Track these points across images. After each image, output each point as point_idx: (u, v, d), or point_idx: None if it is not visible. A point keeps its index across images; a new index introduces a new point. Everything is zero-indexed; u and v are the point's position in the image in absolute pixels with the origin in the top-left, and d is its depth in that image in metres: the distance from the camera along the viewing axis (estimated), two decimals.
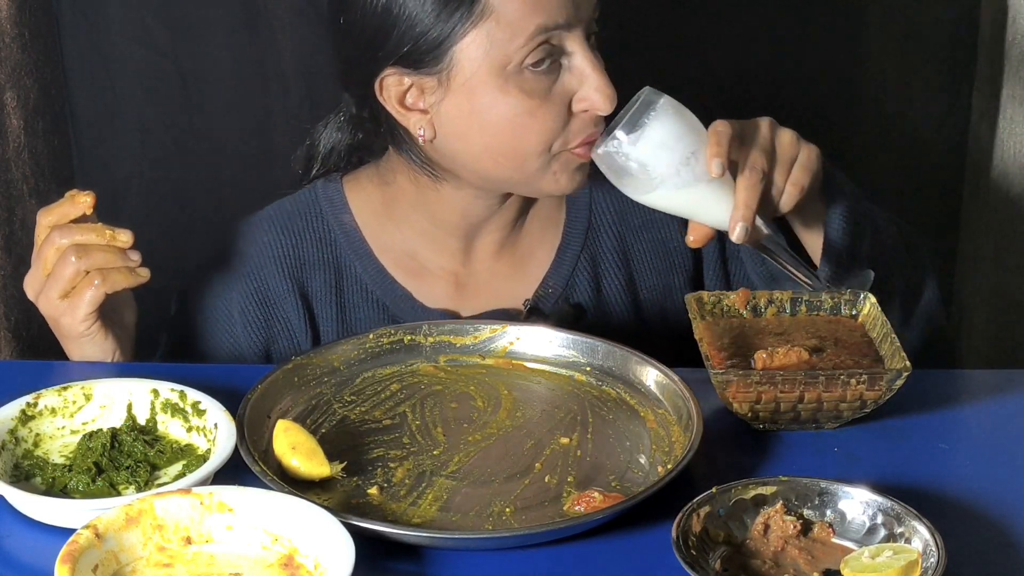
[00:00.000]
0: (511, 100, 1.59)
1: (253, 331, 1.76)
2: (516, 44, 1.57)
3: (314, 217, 1.78)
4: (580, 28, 1.60)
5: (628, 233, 1.80)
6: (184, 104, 2.14)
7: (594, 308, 1.78)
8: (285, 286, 1.76)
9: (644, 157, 1.54)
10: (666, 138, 1.54)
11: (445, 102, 1.62)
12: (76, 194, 1.58)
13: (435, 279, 1.77)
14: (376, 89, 1.64)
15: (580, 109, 1.61)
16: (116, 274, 1.57)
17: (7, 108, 1.99)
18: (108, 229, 1.57)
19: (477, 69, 1.59)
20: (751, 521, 1.33)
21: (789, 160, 1.57)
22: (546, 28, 1.57)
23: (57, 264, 1.57)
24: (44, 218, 1.59)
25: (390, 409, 1.54)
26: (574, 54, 1.60)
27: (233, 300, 1.76)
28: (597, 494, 1.38)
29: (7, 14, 1.97)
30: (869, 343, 1.52)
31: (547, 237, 1.79)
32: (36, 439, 1.48)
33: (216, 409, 1.47)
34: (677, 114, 1.55)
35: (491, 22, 1.57)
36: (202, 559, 1.30)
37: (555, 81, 1.60)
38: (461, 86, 1.60)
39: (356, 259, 1.77)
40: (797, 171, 1.57)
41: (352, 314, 1.77)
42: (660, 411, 1.52)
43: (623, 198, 1.71)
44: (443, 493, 1.40)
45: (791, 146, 1.58)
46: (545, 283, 1.78)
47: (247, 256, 1.77)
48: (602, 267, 1.79)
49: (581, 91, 1.60)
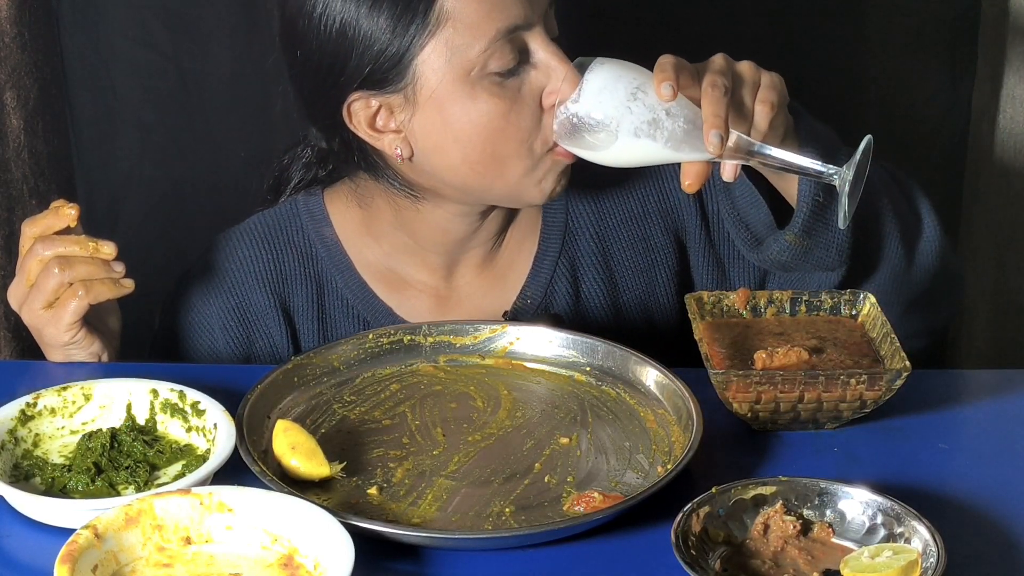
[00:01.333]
0: (481, 106, 1.58)
1: (234, 346, 1.75)
2: (477, 49, 1.56)
3: (295, 231, 1.77)
4: (539, 24, 1.59)
5: (607, 232, 1.78)
6: (184, 104, 2.14)
7: (573, 314, 1.76)
8: (267, 302, 1.75)
9: (590, 107, 1.53)
10: (604, 82, 1.52)
11: (416, 118, 1.60)
12: (61, 205, 1.58)
13: (417, 294, 1.76)
14: (345, 117, 1.62)
15: (552, 103, 1.59)
16: (100, 285, 1.57)
17: (7, 108, 1.99)
18: (91, 241, 1.57)
19: (442, 79, 1.57)
20: (751, 521, 1.33)
21: (752, 81, 1.53)
22: (507, 30, 1.56)
23: (40, 276, 1.57)
24: (28, 229, 1.59)
25: (390, 409, 1.54)
26: (537, 51, 1.59)
27: (214, 315, 1.75)
28: (597, 494, 1.38)
29: (7, 14, 1.97)
30: (869, 343, 1.52)
31: (525, 246, 1.78)
32: (36, 439, 1.48)
33: (216, 409, 1.47)
34: (612, 63, 1.53)
35: (448, 30, 1.56)
36: (202, 559, 1.30)
37: (523, 82, 1.59)
38: (428, 99, 1.59)
39: (337, 273, 1.76)
40: (764, 91, 1.53)
41: (333, 329, 1.76)
42: (660, 411, 1.51)
43: (600, 197, 1.70)
44: (443, 493, 1.40)
45: (752, 70, 1.53)
46: (523, 293, 1.76)
47: (227, 271, 1.76)
48: (581, 270, 1.77)
49: (550, 85, 1.59)
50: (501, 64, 1.57)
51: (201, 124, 2.14)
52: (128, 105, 2.14)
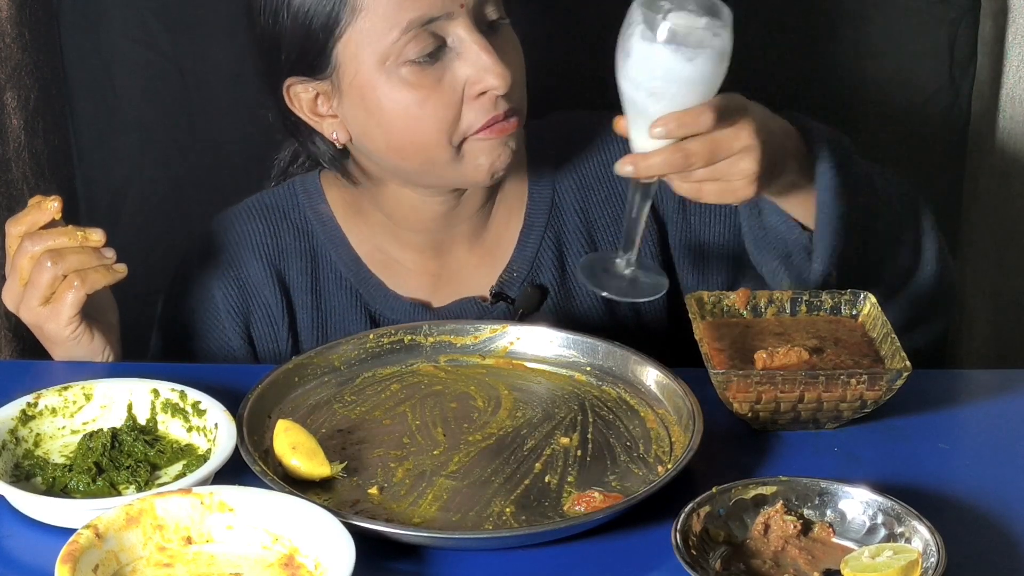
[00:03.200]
0: (397, 94, 1.61)
1: (236, 317, 1.78)
2: (391, 39, 1.59)
3: (291, 208, 1.80)
4: (464, 16, 1.59)
5: (591, 208, 1.79)
6: (184, 104, 2.13)
7: (559, 287, 1.78)
8: (264, 273, 1.77)
9: (663, 56, 1.42)
10: (692, 74, 1.43)
11: (343, 104, 1.65)
12: (42, 200, 1.59)
13: (407, 272, 1.78)
14: (287, 100, 1.67)
15: (476, 93, 1.61)
16: (94, 273, 1.58)
17: (7, 108, 1.99)
18: (79, 230, 1.57)
19: (359, 67, 1.61)
20: (751, 521, 1.33)
21: (725, 160, 1.47)
22: (420, 21, 1.58)
23: (33, 272, 1.57)
24: (13, 228, 1.59)
25: (390, 409, 1.54)
26: (460, 40, 1.60)
27: (216, 289, 1.77)
28: (597, 494, 1.38)
29: (7, 14, 1.97)
30: (869, 343, 1.52)
31: (512, 222, 1.79)
32: (36, 439, 1.48)
33: (216, 409, 1.47)
34: (718, 58, 1.44)
35: (363, 19, 1.59)
36: (202, 559, 1.30)
37: (444, 69, 1.61)
38: (350, 86, 1.63)
39: (332, 248, 1.78)
40: (719, 187, 1.48)
41: (327, 302, 1.78)
42: (660, 411, 1.52)
43: (586, 173, 1.71)
44: (443, 493, 1.41)
45: (728, 147, 1.47)
46: (510, 268, 1.78)
47: (227, 246, 1.79)
48: (566, 244, 1.79)
49: (473, 75, 1.60)
50: (417, 52, 1.59)
51: (201, 124, 2.14)
52: (128, 105, 2.13)
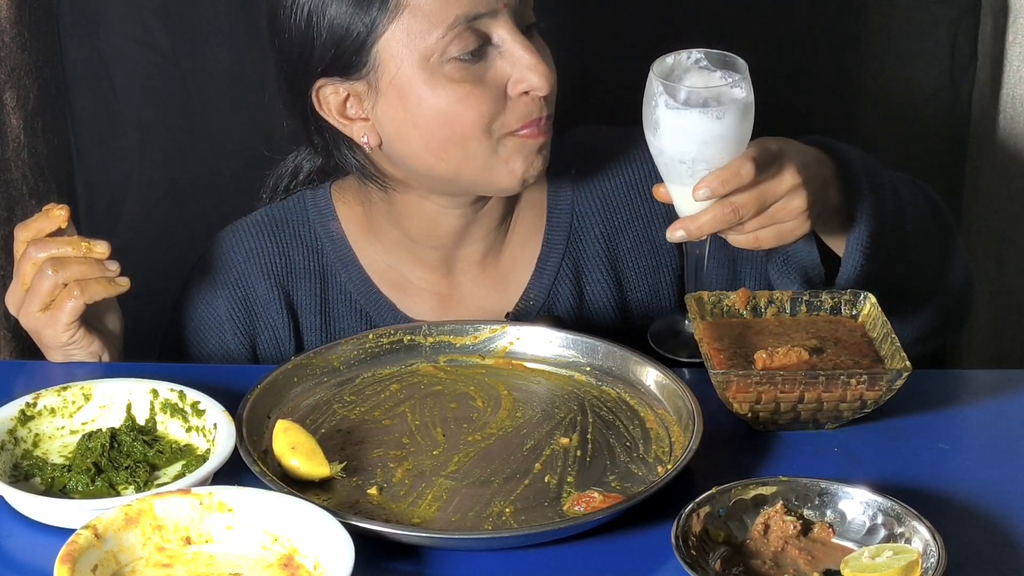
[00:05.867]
0: (440, 92, 1.59)
1: (242, 336, 1.76)
2: (436, 35, 1.58)
3: (301, 224, 1.78)
4: (506, 14, 1.59)
5: (614, 232, 1.78)
6: (184, 104, 2.14)
7: (576, 316, 1.76)
8: (272, 294, 1.76)
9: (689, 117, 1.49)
10: (722, 131, 1.50)
11: (379, 105, 1.62)
12: (51, 208, 1.59)
13: (418, 292, 1.76)
14: (315, 103, 1.65)
15: (518, 92, 1.60)
16: (95, 285, 1.58)
17: (7, 108, 1.99)
18: (84, 241, 1.57)
19: (401, 65, 1.59)
20: (751, 521, 1.33)
21: (773, 223, 1.55)
22: (466, 17, 1.57)
23: (35, 278, 1.57)
24: (21, 233, 1.60)
25: (390, 409, 1.54)
26: (504, 39, 1.59)
27: (221, 307, 1.76)
28: (597, 494, 1.38)
29: (7, 14, 1.97)
30: (869, 343, 1.52)
31: (529, 246, 1.77)
32: (35, 439, 1.48)
33: (216, 409, 1.47)
34: (744, 110, 1.50)
35: (407, 16, 1.57)
36: (202, 559, 1.30)
37: (487, 68, 1.60)
38: (389, 85, 1.60)
39: (342, 267, 1.76)
40: (775, 231, 1.55)
41: (335, 323, 1.76)
42: (660, 411, 1.51)
43: (609, 194, 1.70)
44: (443, 493, 1.40)
45: (774, 196, 1.53)
46: (526, 295, 1.76)
47: (234, 263, 1.77)
48: (585, 271, 1.77)
49: (516, 74, 1.59)
50: (461, 49, 1.58)
51: (201, 124, 2.14)
52: (128, 105, 2.13)
